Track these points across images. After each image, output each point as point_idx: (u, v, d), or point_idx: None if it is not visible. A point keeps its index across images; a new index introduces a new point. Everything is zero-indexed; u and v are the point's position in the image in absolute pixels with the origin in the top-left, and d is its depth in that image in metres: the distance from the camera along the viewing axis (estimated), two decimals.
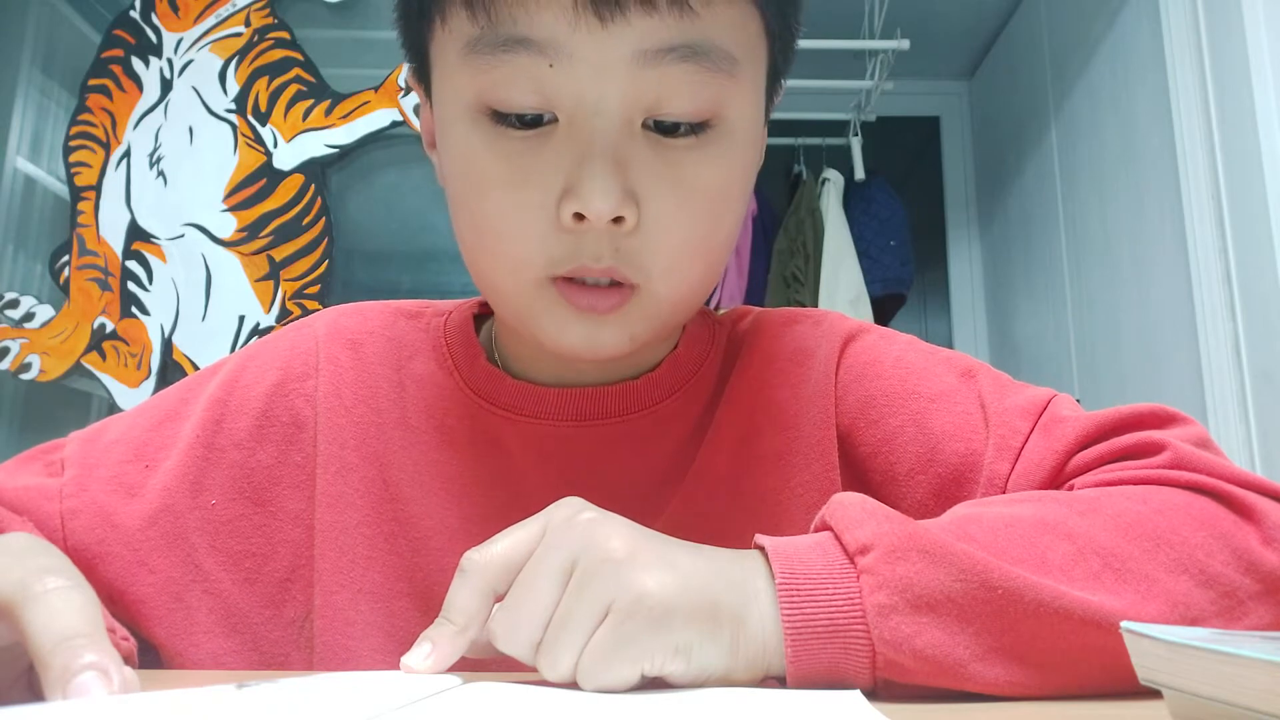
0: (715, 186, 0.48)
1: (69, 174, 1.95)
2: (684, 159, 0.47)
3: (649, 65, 0.45)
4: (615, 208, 0.45)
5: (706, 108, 0.47)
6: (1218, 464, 0.45)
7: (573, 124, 0.46)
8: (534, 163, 0.46)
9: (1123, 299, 2.04)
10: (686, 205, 0.47)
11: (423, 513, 0.53)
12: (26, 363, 1.89)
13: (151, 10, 2.00)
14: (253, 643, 0.53)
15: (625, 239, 0.47)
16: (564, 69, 0.45)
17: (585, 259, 0.47)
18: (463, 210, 0.50)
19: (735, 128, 0.48)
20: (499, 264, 0.49)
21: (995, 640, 0.36)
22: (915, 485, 0.53)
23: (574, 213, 0.45)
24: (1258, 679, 0.26)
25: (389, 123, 1.93)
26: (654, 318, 0.50)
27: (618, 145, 0.46)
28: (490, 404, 0.55)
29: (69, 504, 0.51)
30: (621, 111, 0.45)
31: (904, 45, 2.25)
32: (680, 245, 0.48)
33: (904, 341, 0.58)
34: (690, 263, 0.49)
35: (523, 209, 0.47)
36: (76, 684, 0.31)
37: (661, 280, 0.48)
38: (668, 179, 0.47)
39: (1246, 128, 1.59)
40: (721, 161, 0.48)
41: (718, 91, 0.47)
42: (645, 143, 0.47)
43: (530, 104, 0.46)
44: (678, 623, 0.35)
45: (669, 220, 0.47)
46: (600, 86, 0.45)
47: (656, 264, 0.48)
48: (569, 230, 0.46)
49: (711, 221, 0.49)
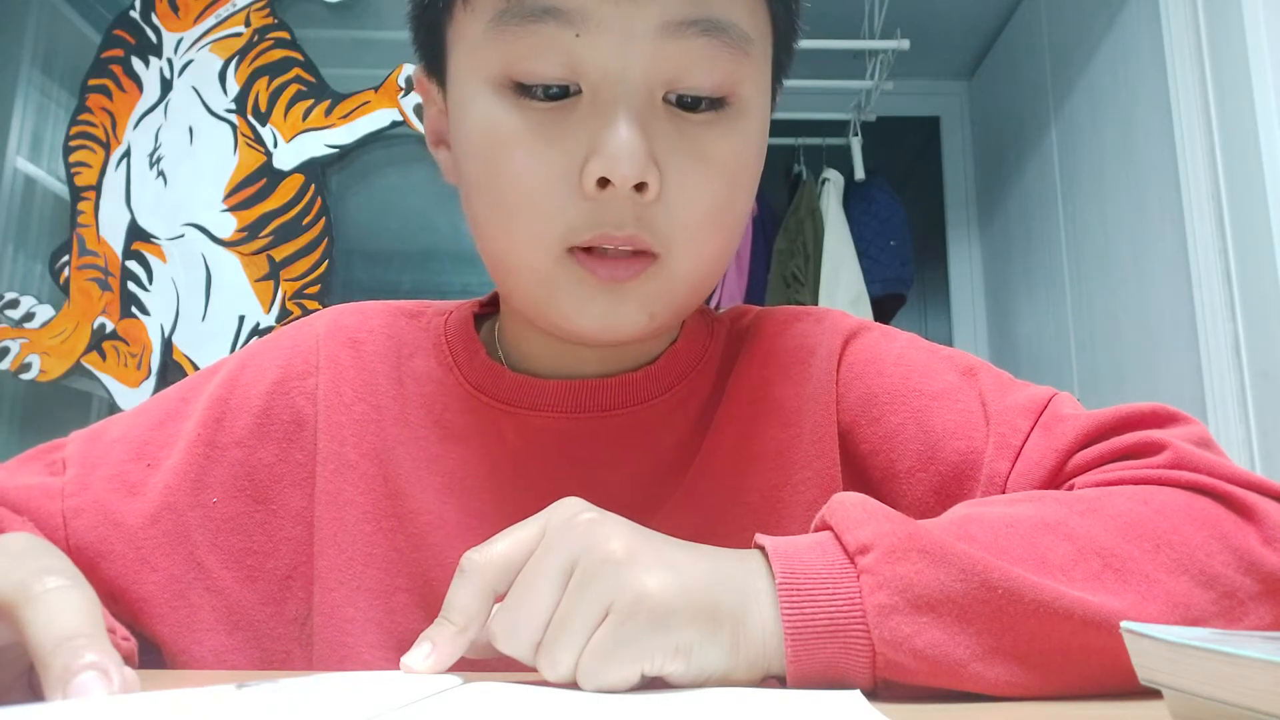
0: (732, 161, 0.49)
1: (69, 174, 1.95)
2: (703, 133, 0.48)
3: (672, 38, 0.46)
4: (640, 172, 0.46)
5: (725, 83, 0.48)
6: (1218, 464, 0.45)
7: (597, 94, 0.47)
8: (557, 131, 0.47)
9: (1123, 299, 2.04)
10: (705, 178, 0.48)
11: (422, 509, 0.54)
12: (26, 363, 1.89)
13: (151, 10, 2.00)
14: (254, 640, 0.53)
15: (647, 208, 0.47)
16: (590, 39, 0.46)
17: (608, 226, 0.47)
18: (480, 187, 0.50)
19: (750, 107, 0.50)
20: (518, 238, 0.49)
21: (995, 640, 0.36)
22: (915, 483, 0.53)
23: (598, 178, 0.46)
24: (1258, 679, 0.26)
25: (389, 123, 1.93)
26: (671, 294, 0.50)
27: (641, 115, 0.47)
28: (489, 397, 0.55)
29: (70, 503, 0.51)
30: (644, 82, 0.47)
31: (904, 45, 2.25)
32: (700, 217, 0.49)
33: (905, 339, 0.58)
34: (708, 236, 0.50)
35: (546, 177, 0.47)
36: (77, 684, 0.31)
37: (681, 253, 0.49)
38: (688, 151, 0.48)
39: (1246, 128, 1.59)
40: (738, 138, 0.49)
41: (735, 68, 0.48)
42: (666, 116, 0.48)
43: (556, 75, 0.47)
44: (678, 623, 0.35)
45: (690, 191, 0.48)
46: (625, 57, 0.46)
47: (676, 234, 0.48)
48: (591, 198, 0.47)
49: (729, 195, 0.50)
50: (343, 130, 1.94)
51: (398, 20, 2.25)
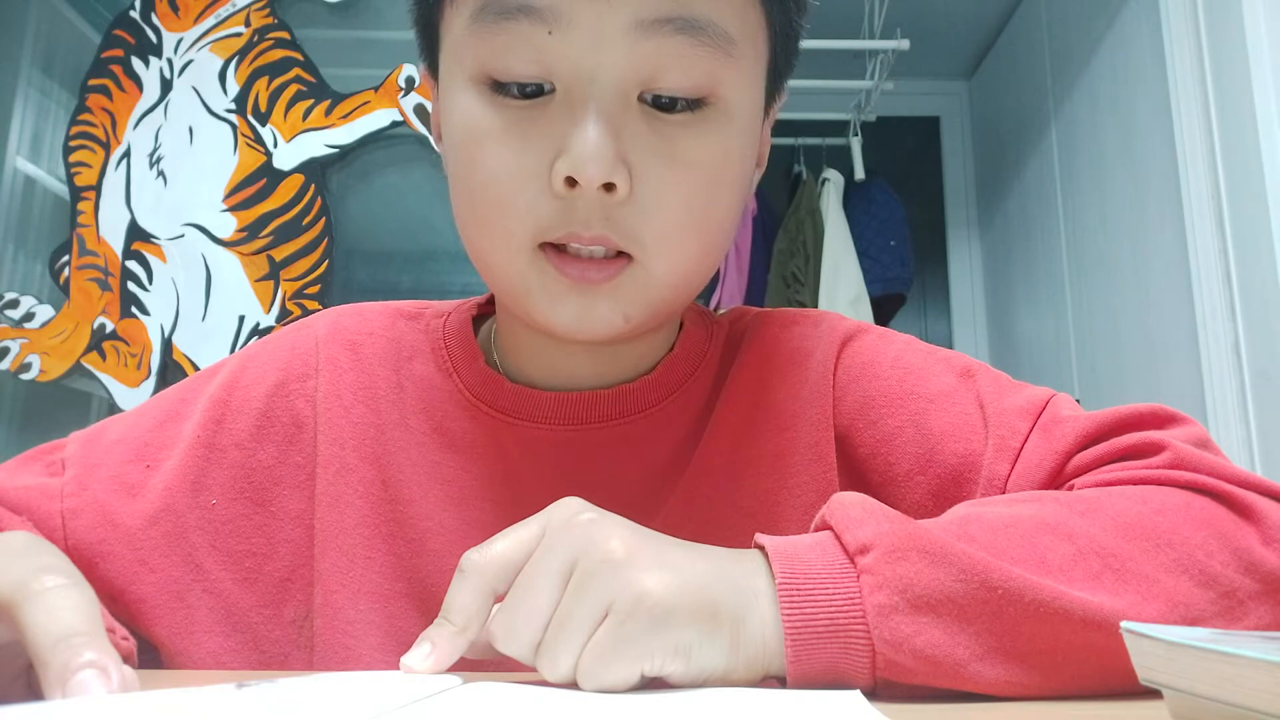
0: (709, 164, 0.49)
1: (69, 174, 1.95)
2: (679, 134, 0.48)
3: (646, 36, 0.45)
4: (607, 173, 0.45)
5: (702, 83, 0.47)
6: (1218, 464, 0.45)
7: (570, 92, 0.46)
8: (530, 129, 0.47)
9: (1123, 299, 2.04)
10: (680, 180, 0.48)
11: (421, 514, 0.53)
12: (26, 363, 1.89)
13: (151, 10, 2.00)
14: (253, 642, 0.53)
15: (617, 208, 0.47)
16: (563, 36, 0.45)
17: (575, 225, 0.47)
18: (460, 183, 0.50)
19: (732, 109, 0.49)
20: (492, 233, 0.49)
21: (995, 640, 0.36)
22: (914, 486, 0.53)
23: (565, 176, 0.45)
24: (1258, 679, 0.26)
25: (389, 123, 1.93)
26: (648, 296, 0.49)
27: (613, 114, 0.46)
28: (489, 407, 0.55)
29: (70, 503, 0.51)
30: (618, 81, 0.46)
31: (904, 45, 2.25)
32: (674, 219, 0.48)
33: (902, 342, 0.58)
34: (684, 239, 0.49)
35: (516, 173, 0.47)
36: (75, 682, 0.31)
37: (655, 254, 0.48)
38: (662, 153, 0.47)
39: (1246, 128, 1.59)
40: (716, 140, 0.49)
41: (714, 68, 0.47)
42: (640, 116, 0.47)
43: (529, 72, 0.46)
44: (677, 623, 0.35)
45: (662, 192, 0.47)
46: (598, 55, 0.46)
47: (649, 235, 0.48)
48: (560, 196, 0.46)
49: (706, 198, 0.49)
50: (343, 130, 1.94)
51: (398, 20, 2.24)
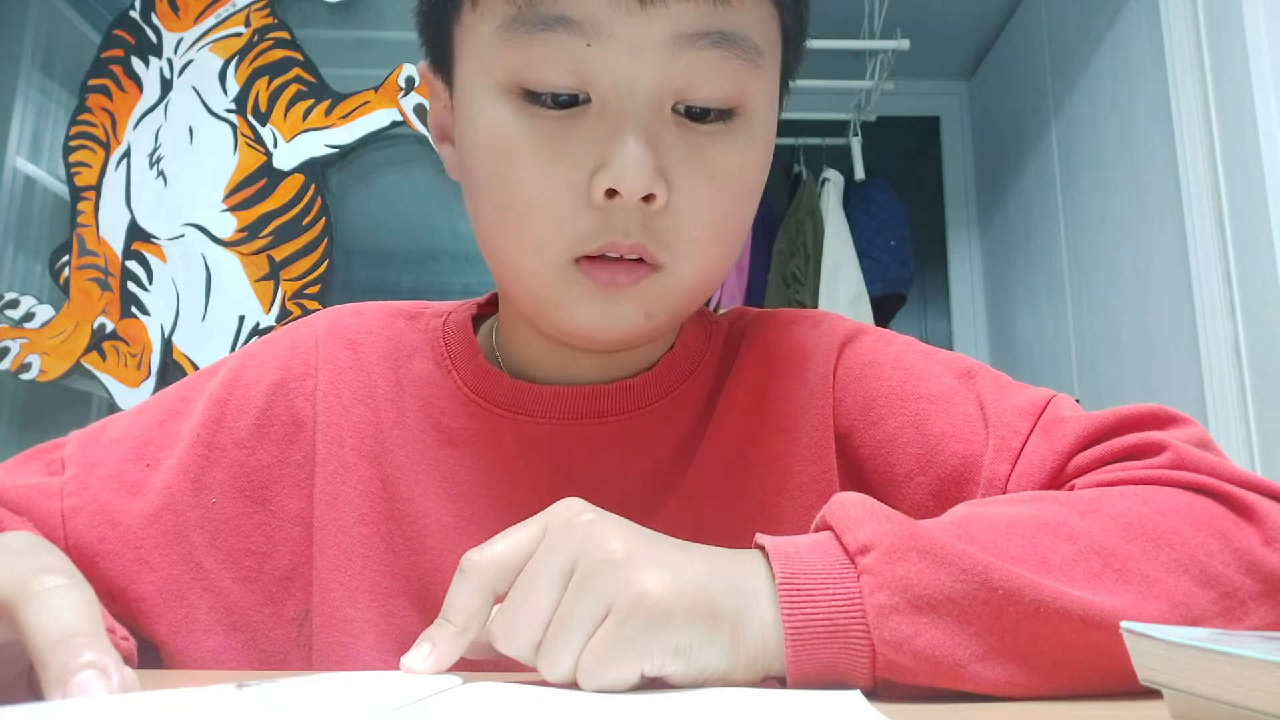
0: (738, 173, 0.50)
1: (69, 174, 1.95)
2: (710, 145, 0.48)
3: (682, 49, 0.46)
4: (649, 184, 0.46)
5: (733, 95, 0.48)
6: (1218, 464, 0.45)
7: (606, 104, 0.47)
8: (566, 141, 0.47)
9: (1123, 299, 2.04)
10: (711, 189, 0.49)
11: (420, 511, 0.53)
12: (26, 363, 1.88)
13: (151, 10, 2.00)
14: (252, 641, 0.53)
15: (654, 218, 0.48)
16: (601, 49, 0.46)
17: (615, 234, 0.47)
18: (487, 191, 0.50)
19: (757, 118, 0.50)
20: (524, 244, 0.49)
21: (995, 640, 0.36)
22: (914, 487, 0.53)
23: (606, 189, 0.46)
24: (1258, 679, 0.26)
25: (389, 123, 1.93)
26: (671, 298, 0.50)
27: (650, 126, 0.47)
28: (487, 402, 0.55)
29: (69, 502, 0.51)
30: (654, 93, 0.47)
31: (904, 45, 2.25)
32: (704, 228, 0.49)
33: (902, 342, 0.58)
34: (711, 246, 0.50)
35: (554, 186, 0.47)
36: (76, 683, 0.31)
37: (684, 260, 0.49)
38: (694, 163, 0.48)
39: (1246, 128, 1.59)
40: (745, 149, 0.50)
41: (744, 80, 0.48)
42: (674, 126, 0.48)
43: (565, 84, 0.47)
44: (677, 623, 0.35)
45: (696, 203, 0.48)
46: (635, 68, 0.46)
47: (681, 244, 0.49)
48: (599, 208, 0.47)
49: (733, 206, 0.50)
50: (343, 130, 1.94)
51: (398, 20, 2.24)
